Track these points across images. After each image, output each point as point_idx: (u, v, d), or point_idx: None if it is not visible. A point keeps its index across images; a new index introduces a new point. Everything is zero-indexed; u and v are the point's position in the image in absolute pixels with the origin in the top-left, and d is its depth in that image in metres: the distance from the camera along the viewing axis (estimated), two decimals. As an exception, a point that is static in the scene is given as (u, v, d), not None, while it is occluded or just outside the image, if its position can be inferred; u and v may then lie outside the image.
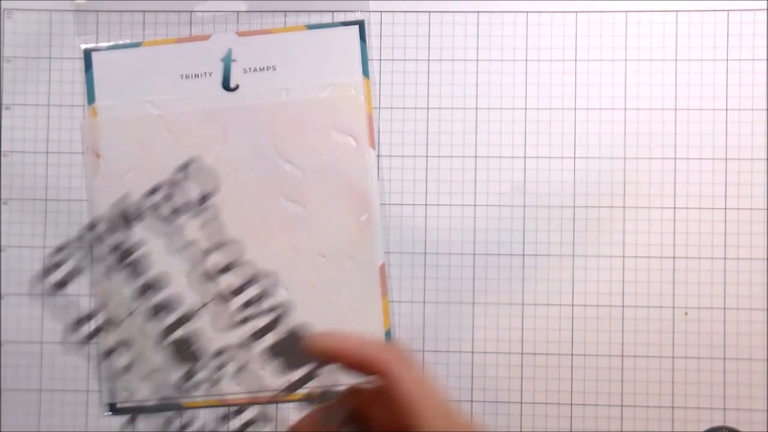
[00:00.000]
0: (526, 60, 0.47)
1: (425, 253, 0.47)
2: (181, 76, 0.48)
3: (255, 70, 0.48)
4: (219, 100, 0.47)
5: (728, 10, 0.47)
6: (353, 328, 0.47)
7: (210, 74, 0.48)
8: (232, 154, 0.47)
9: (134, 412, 0.47)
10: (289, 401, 0.47)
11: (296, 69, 0.47)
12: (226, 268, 0.44)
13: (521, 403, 0.47)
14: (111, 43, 0.48)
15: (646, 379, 0.46)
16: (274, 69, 0.48)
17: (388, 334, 0.47)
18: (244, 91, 0.48)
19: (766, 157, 0.47)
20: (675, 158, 0.47)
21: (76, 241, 0.41)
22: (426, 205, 0.47)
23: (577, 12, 0.47)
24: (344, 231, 0.47)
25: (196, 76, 0.48)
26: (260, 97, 0.47)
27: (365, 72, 0.47)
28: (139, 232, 0.44)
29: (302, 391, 0.44)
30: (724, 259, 0.46)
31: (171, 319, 0.44)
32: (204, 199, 0.44)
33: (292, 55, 0.47)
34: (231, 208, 0.46)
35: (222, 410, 0.47)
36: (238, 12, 0.48)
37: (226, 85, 0.48)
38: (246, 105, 0.47)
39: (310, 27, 0.48)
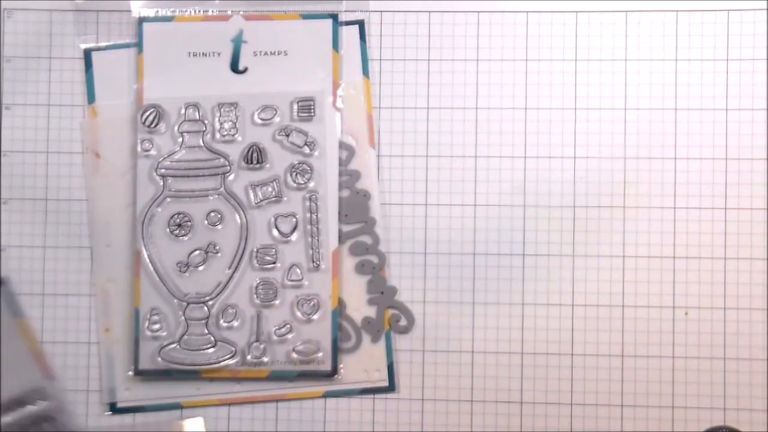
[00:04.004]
0: (526, 60, 0.47)
1: (425, 253, 0.47)
2: (181, 76, 0.48)
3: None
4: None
5: (728, 10, 0.47)
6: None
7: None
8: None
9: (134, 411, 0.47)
10: (290, 400, 0.47)
11: (296, 69, 0.48)
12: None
13: (521, 403, 0.47)
14: (111, 43, 0.48)
15: (646, 379, 0.46)
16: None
17: (388, 334, 0.47)
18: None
19: (766, 157, 0.47)
20: (675, 158, 0.47)
21: None
22: (426, 205, 0.47)
23: (577, 12, 0.47)
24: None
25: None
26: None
27: (365, 72, 0.47)
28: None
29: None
30: (724, 259, 0.46)
31: None
32: None
33: (292, 55, 0.48)
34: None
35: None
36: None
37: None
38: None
39: (310, 27, 0.48)
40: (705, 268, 0.46)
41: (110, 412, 0.47)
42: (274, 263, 0.46)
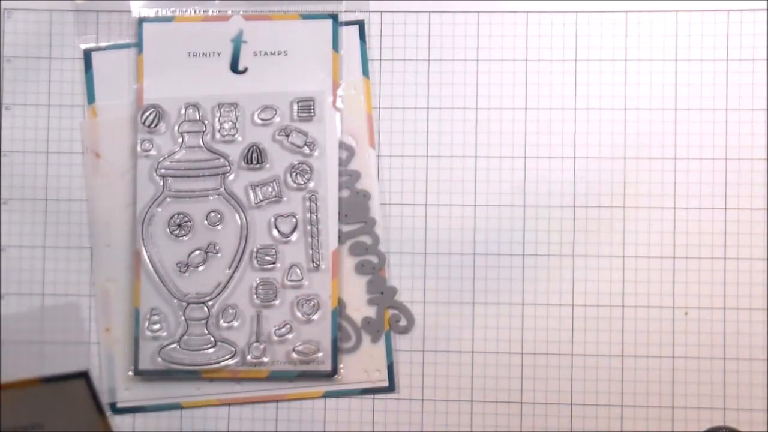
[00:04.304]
0: (526, 60, 0.47)
1: (425, 253, 0.47)
2: (181, 76, 0.48)
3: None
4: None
5: (728, 10, 0.47)
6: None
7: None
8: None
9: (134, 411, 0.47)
10: (290, 400, 0.47)
11: (296, 69, 0.48)
12: None
13: (521, 403, 0.47)
14: (111, 43, 0.48)
15: (646, 379, 0.46)
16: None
17: (388, 334, 0.47)
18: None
19: (766, 157, 0.47)
20: (675, 158, 0.47)
21: None
22: (426, 205, 0.47)
23: (577, 12, 0.47)
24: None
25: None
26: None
27: (365, 72, 0.47)
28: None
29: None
30: (724, 259, 0.46)
31: None
32: None
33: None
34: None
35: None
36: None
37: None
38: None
39: (310, 27, 0.48)
40: (705, 268, 0.46)
41: (110, 412, 0.47)
42: (274, 263, 0.46)
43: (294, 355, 0.46)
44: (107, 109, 0.48)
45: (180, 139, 0.47)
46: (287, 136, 0.46)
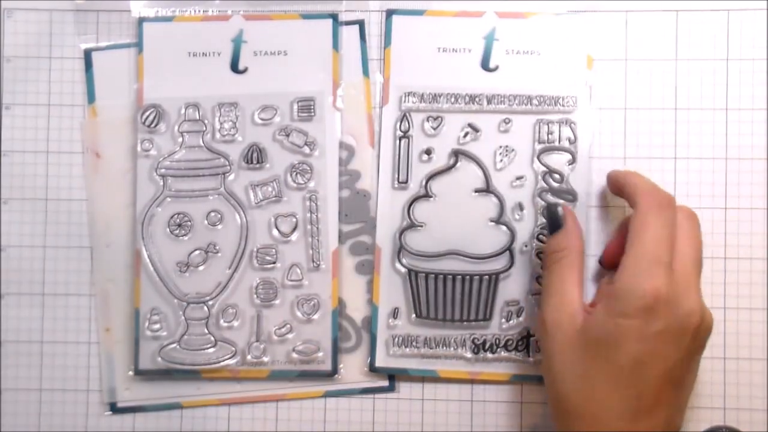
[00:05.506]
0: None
1: (425, 253, 0.47)
2: (181, 76, 0.48)
3: (255, 70, 0.48)
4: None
5: (728, 10, 0.47)
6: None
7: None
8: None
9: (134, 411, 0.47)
10: (290, 399, 0.47)
11: (296, 69, 0.48)
12: None
13: (521, 403, 0.47)
14: (111, 43, 0.48)
15: (646, 379, 0.46)
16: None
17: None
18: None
19: (766, 157, 0.47)
20: (675, 158, 0.47)
21: None
22: (426, 205, 0.47)
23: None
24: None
25: (196, 76, 0.48)
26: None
27: (365, 72, 0.47)
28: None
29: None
30: (724, 259, 0.46)
31: None
32: None
33: (292, 55, 0.48)
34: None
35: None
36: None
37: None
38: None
39: (310, 27, 0.48)
40: (705, 268, 0.46)
41: (110, 412, 0.47)
42: (274, 263, 0.46)
43: (294, 355, 0.46)
44: (107, 109, 0.48)
45: (180, 139, 0.47)
46: (287, 135, 0.46)
